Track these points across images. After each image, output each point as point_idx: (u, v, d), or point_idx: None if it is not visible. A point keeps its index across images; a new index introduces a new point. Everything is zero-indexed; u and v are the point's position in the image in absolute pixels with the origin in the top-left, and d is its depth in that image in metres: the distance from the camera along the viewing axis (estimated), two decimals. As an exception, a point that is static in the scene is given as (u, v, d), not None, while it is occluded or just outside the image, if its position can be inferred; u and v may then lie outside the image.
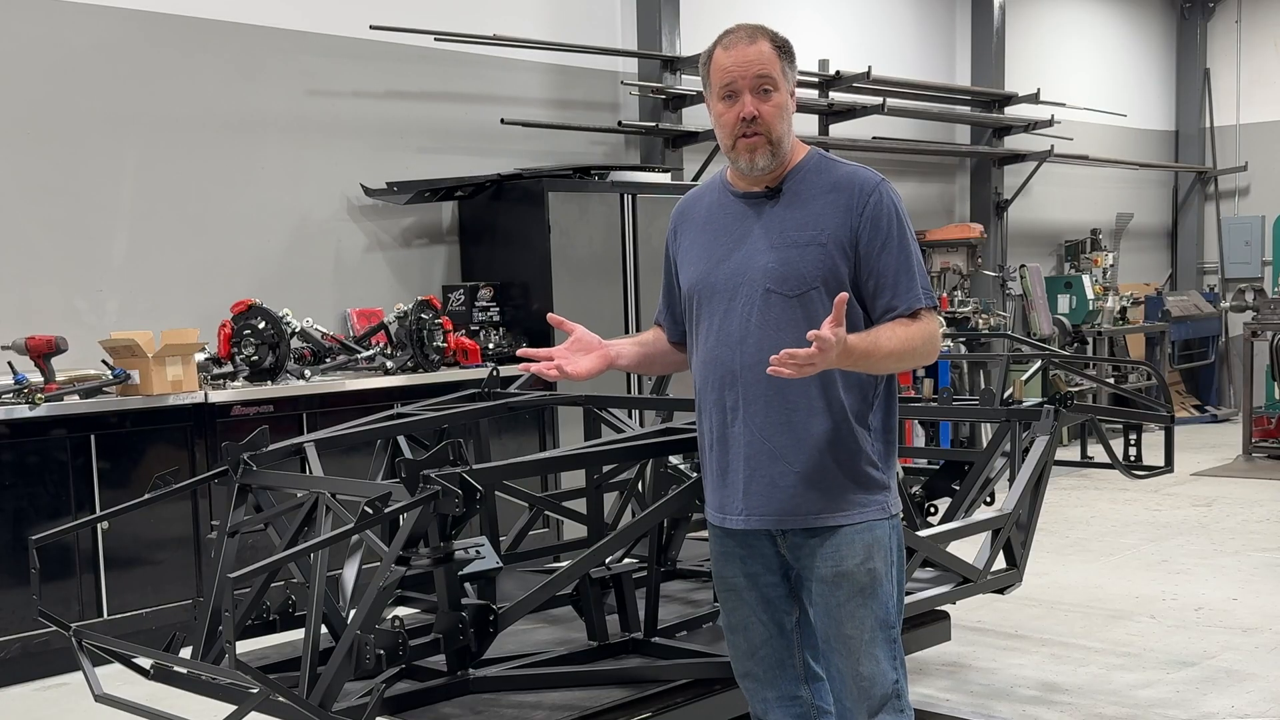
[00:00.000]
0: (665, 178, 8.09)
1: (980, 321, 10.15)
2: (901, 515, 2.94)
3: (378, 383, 6.45)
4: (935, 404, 5.01)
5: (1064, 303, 11.77)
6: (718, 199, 2.94)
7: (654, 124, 8.60)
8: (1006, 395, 4.66)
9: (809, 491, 2.78)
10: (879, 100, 9.90)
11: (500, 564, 3.43)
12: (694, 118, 8.85)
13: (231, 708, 2.74)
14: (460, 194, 7.56)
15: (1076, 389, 9.50)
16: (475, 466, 2.96)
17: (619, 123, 8.45)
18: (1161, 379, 5.74)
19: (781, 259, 2.77)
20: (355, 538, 2.84)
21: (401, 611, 3.61)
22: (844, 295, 2.57)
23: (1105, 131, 12.81)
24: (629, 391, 7.58)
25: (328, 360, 6.61)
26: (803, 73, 9.48)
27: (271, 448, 3.47)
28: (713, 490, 2.91)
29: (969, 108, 11.46)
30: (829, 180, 2.81)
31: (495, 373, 4.55)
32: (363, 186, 7.26)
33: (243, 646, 2.77)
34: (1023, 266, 11.35)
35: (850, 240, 2.76)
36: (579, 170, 7.53)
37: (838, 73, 9.64)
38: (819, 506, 2.78)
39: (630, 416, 5.30)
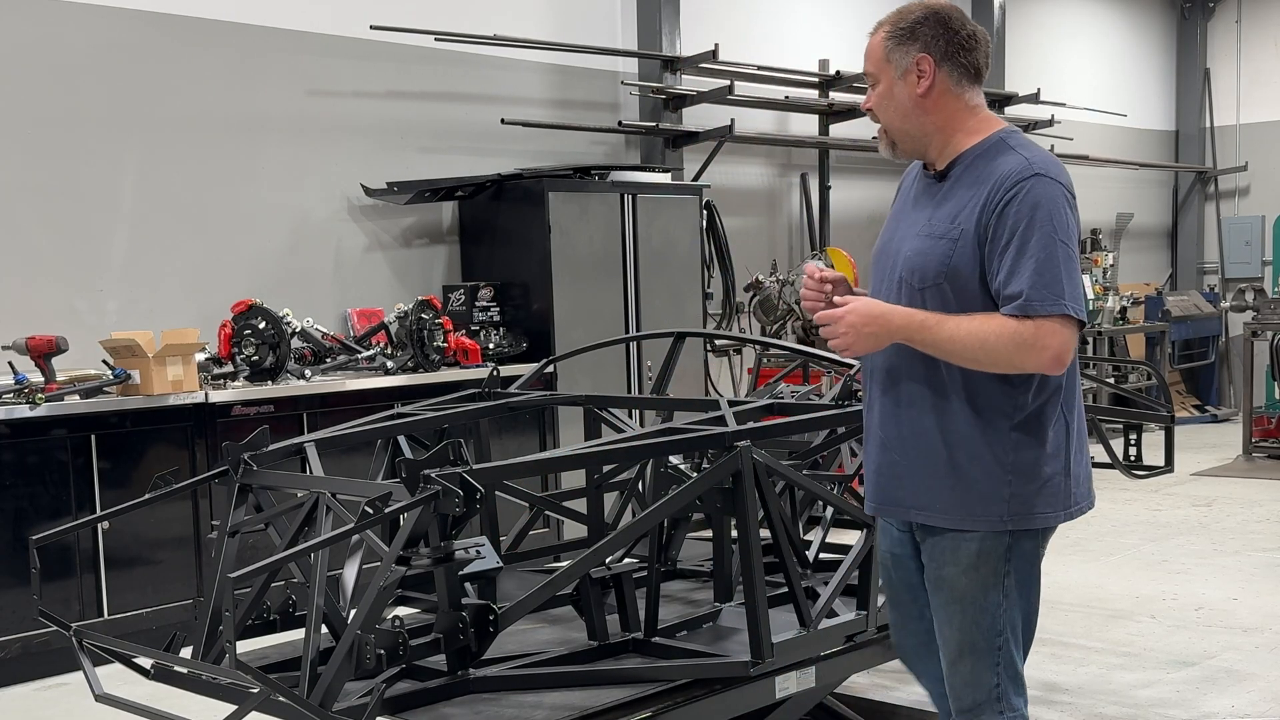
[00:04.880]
0: (665, 178, 8.09)
1: (980, 321, 10.12)
2: (1039, 530, 2.76)
3: (378, 383, 6.45)
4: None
5: (1064, 303, 11.74)
6: (919, 172, 2.91)
7: (654, 124, 8.60)
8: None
9: (913, 486, 2.77)
10: (879, 100, 9.88)
11: (500, 564, 3.43)
12: (694, 118, 8.85)
13: (232, 708, 2.73)
14: (460, 194, 7.56)
15: (1076, 389, 9.48)
16: (475, 466, 2.96)
17: (619, 123, 8.45)
18: (1161, 379, 5.74)
19: (917, 250, 2.73)
20: (355, 538, 2.84)
21: (402, 611, 3.61)
22: (824, 273, 2.70)
23: (1105, 131, 12.81)
24: (629, 391, 7.58)
25: (328, 360, 6.61)
26: (803, 73, 9.50)
27: (272, 448, 3.47)
28: (865, 471, 2.99)
29: (969, 108, 11.44)
30: (988, 169, 2.69)
31: (495, 373, 4.55)
32: (363, 186, 7.26)
33: (243, 646, 2.77)
34: (1023, 266, 11.33)
35: (983, 236, 2.65)
36: (579, 170, 7.53)
37: (838, 73, 9.63)
38: (923, 502, 2.76)
39: (630, 416, 5.30)
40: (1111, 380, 10.80)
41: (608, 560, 3.58)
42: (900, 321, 2.65)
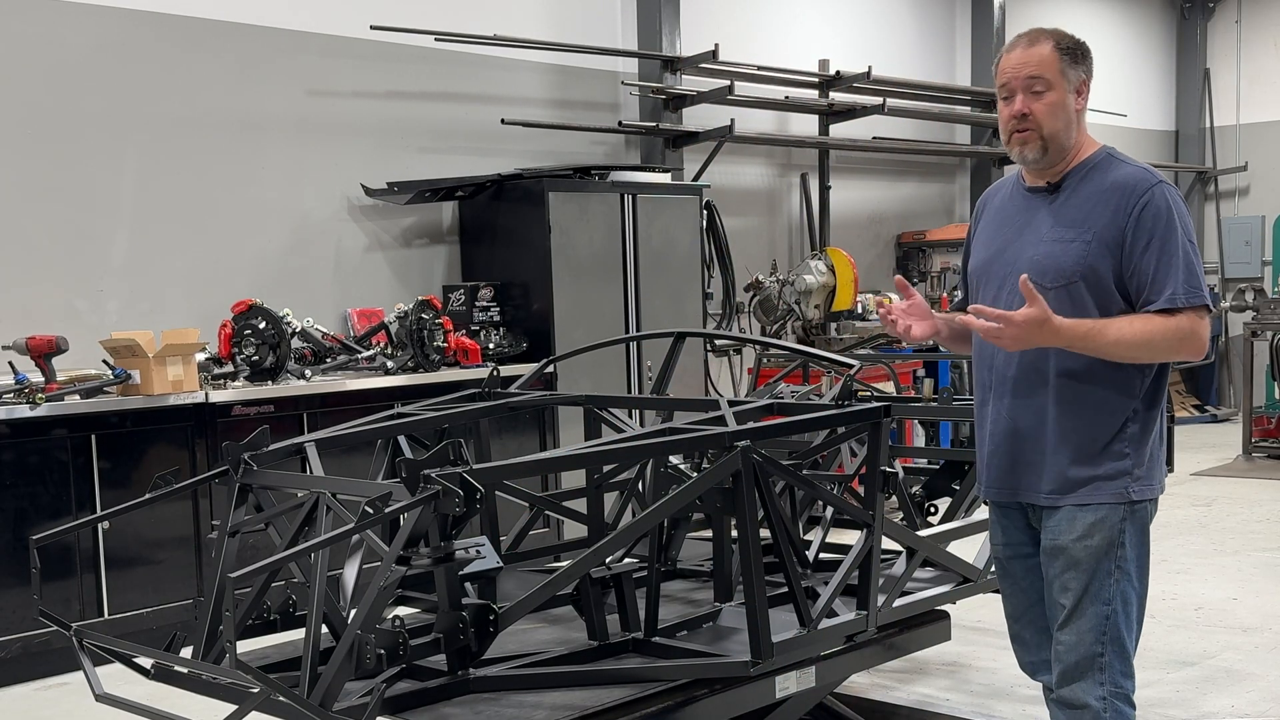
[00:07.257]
0: (665, 178, 8.09)
1: (980, 321, 10.12)
2: (1150, 501, 3.03)
3: (378, 383, 6.45)
4: (935, 404, 5.00)
5: (1064, 303, 11.75)
6: (1010, 191, 3.20)
7: (654, 124, 8.60)
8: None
9: (1045, 470, 3.00)
10: (879, 100, 9.89)
11: (500, 564, 3.42)
12: (694, 118, 8.85)
13: (232, 707, 2.73)
14: (460, 194, 7.57)
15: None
16: (475, 466, 2.95)
17: (619, 123, 8.46)
18: (1161, 379, 5.73)
19: (1047, 252, 2.99)
20: (355, 537, 2.84)
21: (402, 611, 3.61)
22: (1024, 277, 2.78)
23: (1105, 131, 12.79)
24: (629, 391, 7.59)
25: (328, 360, 6.61)
26: (803, 73, 9.50)
27: (272, 447, 3.47)
28: (979, 462, 3.22)
29: (969, 108, 11.46)
30: (1108, 180, 2.98)
31: (495, 373, 4.54)
32: (363, 186, 7.26)
33: (243, 646, 2.77)
34: (1023, 266, 11.33)
35: (1117, 239, 2.92)
36: (579, 170, 7.53)
37: (838, 73, 9.64)
38: (1053, 485, 3.00)
39: (630, 416, 5.30)
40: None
41: (608, 560, 3.58)
42: (1067, 334, 2.85)
